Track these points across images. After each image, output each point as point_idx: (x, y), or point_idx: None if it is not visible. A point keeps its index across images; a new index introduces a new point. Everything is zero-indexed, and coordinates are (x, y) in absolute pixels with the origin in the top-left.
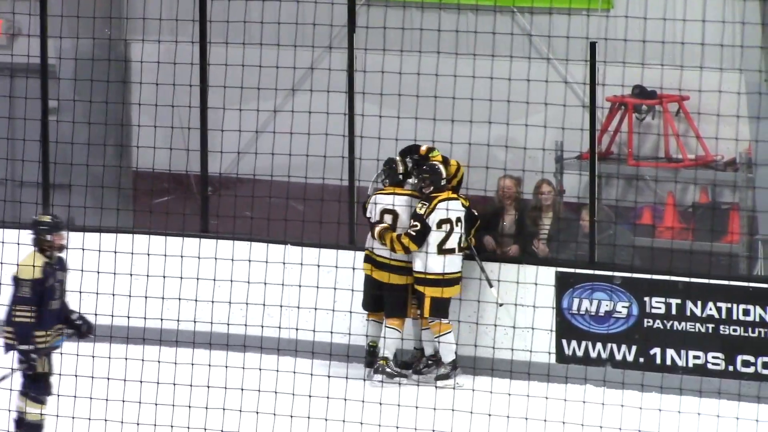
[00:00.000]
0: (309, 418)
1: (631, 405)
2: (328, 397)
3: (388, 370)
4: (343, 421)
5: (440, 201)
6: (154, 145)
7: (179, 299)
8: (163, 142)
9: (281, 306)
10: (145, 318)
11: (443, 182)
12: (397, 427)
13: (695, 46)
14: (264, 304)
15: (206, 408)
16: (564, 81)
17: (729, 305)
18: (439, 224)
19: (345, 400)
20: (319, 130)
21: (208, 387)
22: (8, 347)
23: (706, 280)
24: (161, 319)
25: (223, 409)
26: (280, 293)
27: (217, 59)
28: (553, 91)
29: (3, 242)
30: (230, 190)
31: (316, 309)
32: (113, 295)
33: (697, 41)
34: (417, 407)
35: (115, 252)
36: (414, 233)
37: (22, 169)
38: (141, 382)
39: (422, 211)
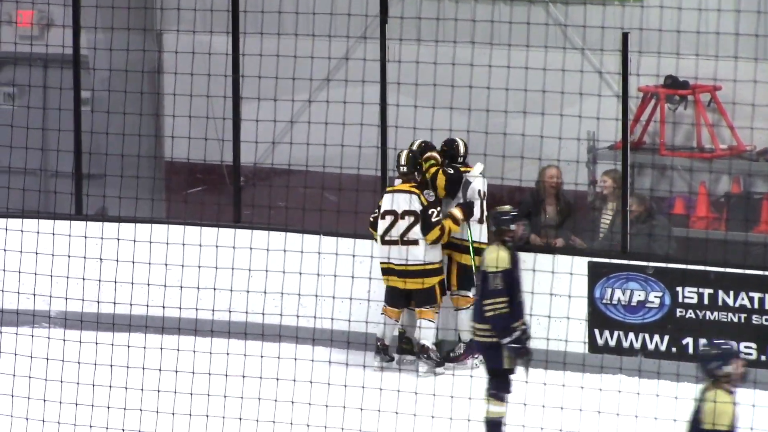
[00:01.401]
0: (344, 407)
1: (666, 395)
2: (363, 387)
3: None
4: (361, 408)
5: (387, 192)
6: (188, 136)
7: (214, 289)
8: (196, 133)
9: (316, 296)
10: (180, 308)
11: (402, 169)
12: (432, 416)
13: (729, 36)
14: (299, 294)
15: (241, 398)
16: (598, 71)
17: (762, 295)
18: (383, 215)
19: (380, 389)
20: (353, 120)
21: (243, 377)
22: (483, 346)
23: (738, 270)
24: (196, 309)
25: (258, 399)
26: (315, 283)
27: (251, 50)
28: (587, 81)
29: (38, 232)
30: (264, 180)
31: (351, 299)
32: (148, 285)
33: (731, 31)
34: (452, 397)
35: (150, 242)
36: (372, 219)
37: (57, 159)
38: (176, 372)
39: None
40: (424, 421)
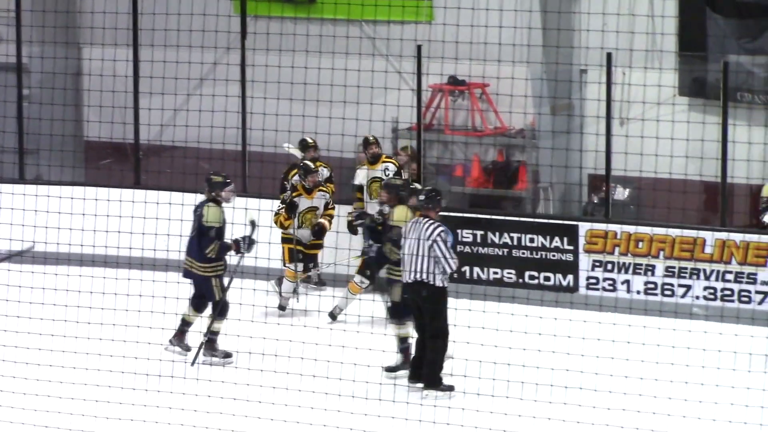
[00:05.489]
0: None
1: (462, 308)
2: (259, 306)
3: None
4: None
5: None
6: (100, 120)
7: (118, 233)
8: (106, 118)
9: (182, 236)
10: (93, 246)
11: None
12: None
13: (495, 45)
14: (180, 236)
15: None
16: (398, 72)
17: (519, 235)
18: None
19: (254, 306)
20: (220, 108)
21: (134, 295)
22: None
23: (502, 217)
24: (105, 247)
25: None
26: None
27: (146, 57)
28: (391, 79)
29: None
30: (156, 153)
31: None
32: (70, 229)
33: (496, 42)
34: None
35: (72, 198)
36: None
37: (3, 138)
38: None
39: None
40: None
